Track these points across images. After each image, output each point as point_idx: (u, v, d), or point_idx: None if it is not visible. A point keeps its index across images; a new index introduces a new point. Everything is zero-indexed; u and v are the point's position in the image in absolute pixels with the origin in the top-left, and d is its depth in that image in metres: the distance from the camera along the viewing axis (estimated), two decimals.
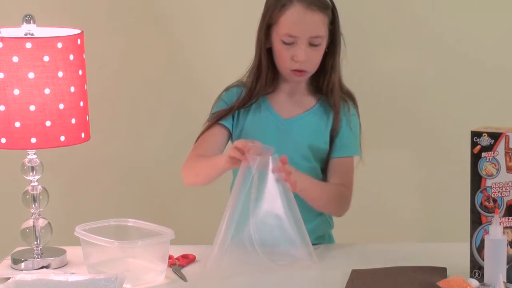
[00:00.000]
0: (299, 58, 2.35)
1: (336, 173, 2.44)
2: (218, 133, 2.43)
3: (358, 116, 2.50)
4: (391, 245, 2.43)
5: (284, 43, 2.37)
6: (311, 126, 2.45)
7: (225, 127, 2.44)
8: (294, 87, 2.46)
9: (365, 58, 3.00)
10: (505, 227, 2.02)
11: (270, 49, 2.42)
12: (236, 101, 2.45)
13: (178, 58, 3.04)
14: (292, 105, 2.46)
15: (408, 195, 3.09)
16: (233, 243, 2.14)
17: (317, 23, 2.37)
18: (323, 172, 2.47)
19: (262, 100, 2.46)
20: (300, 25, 2.35)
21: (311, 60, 2.38)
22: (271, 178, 2.17)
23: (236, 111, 2.45)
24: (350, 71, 2.50)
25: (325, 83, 2.44)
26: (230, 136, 2.47)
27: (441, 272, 2.12)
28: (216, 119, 2.44)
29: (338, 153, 2.45)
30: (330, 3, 2.39)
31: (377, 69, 3.02)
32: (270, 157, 2.16)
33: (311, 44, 2.37)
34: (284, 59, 2.38)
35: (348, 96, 2.49)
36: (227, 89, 2.50)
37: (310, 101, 2.47)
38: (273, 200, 2.17)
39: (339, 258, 2.30)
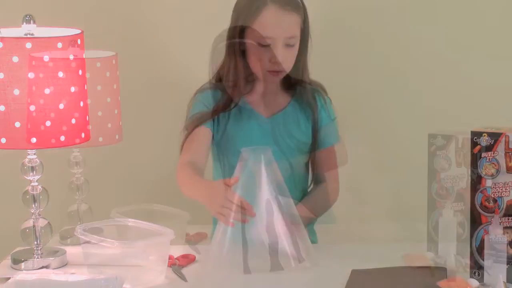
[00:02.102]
0: (278, 59, 2.36)
1: (324, 165, 2.49)
2: (203, 135, 2.43)
3: (332, 103, 2.53)
4: (391, 245, 2.43)
5: (261, 45, 2.37)
6: (293, 122, 2.48)
7: (208, 129, 2.44)
8: (269, 86, 2.47)
9: (364, 56, 3.01)
10: (505, 227, 2.02)
11: (243, 51, 2.42)
12: (217, 105, 2.44)
13: (179, 59, 3.04)
14: (269, 103, 2.48)
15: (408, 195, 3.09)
16: (231, 242, 2.15)
17: (292, 24, 2.38)
18: (306, 166, 2.50)
19: (240, 101, 2.46)
20: (276, 27, 2.35)
21: (287, 60, 2.40)
22: (264, 177, 2.17)
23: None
24: (352, 69, 2.49)
25: (298, 82, 2.47)
26: (213, 137, 2.47)
27: (441, 272, 2.12)
28: (199, 121, 2.43)
29: (323, 145, 2.48)
30: (301, 3, 2.41)
31: (377, 67, 3.02)
32: (261, 155, 2.17)
33: (287, 45, 2.37)
34: (261, 61, 2.38)
35: (320, 88, 2.52)
36: (201, 91, 2.49)
37: (285, 98, 2.50)
38: (267, 199, 2.17)
39: (339, 258, 2.30)
